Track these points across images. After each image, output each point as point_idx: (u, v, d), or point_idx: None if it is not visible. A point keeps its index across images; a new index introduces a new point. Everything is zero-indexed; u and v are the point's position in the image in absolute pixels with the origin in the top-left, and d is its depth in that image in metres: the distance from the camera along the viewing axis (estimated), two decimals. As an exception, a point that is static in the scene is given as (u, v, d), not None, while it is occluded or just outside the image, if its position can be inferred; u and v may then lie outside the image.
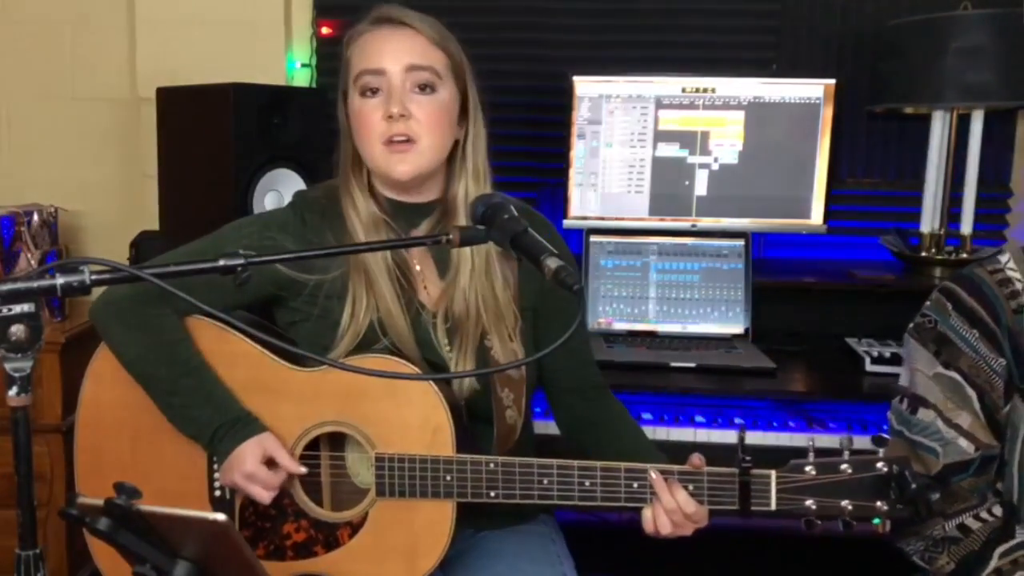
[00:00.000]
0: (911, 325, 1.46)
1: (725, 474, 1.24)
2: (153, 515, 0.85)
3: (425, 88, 1.33)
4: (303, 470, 1.33)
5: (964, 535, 1.35)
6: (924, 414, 1.38)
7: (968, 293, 1.39)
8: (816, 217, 2.25)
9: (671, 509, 1.24)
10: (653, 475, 1.24)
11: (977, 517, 1.35)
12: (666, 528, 1.25)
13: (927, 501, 1.19)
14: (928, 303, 1.45)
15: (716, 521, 1.29)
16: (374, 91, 1.33)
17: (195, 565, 0.87)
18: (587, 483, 1.26)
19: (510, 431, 1.39)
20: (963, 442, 1.35)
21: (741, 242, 2.20)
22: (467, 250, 1.36)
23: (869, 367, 1.96)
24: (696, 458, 1.27)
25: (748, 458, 1.23)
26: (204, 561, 0.88)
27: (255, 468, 1.29)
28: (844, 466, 1.22)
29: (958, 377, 1.36)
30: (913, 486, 1.18)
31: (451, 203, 1.39)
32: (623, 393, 1.60)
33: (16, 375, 0.93)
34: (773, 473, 1.23)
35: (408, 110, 1.31)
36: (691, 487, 1.24)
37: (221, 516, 0.83)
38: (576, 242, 2.31)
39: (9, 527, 1.07)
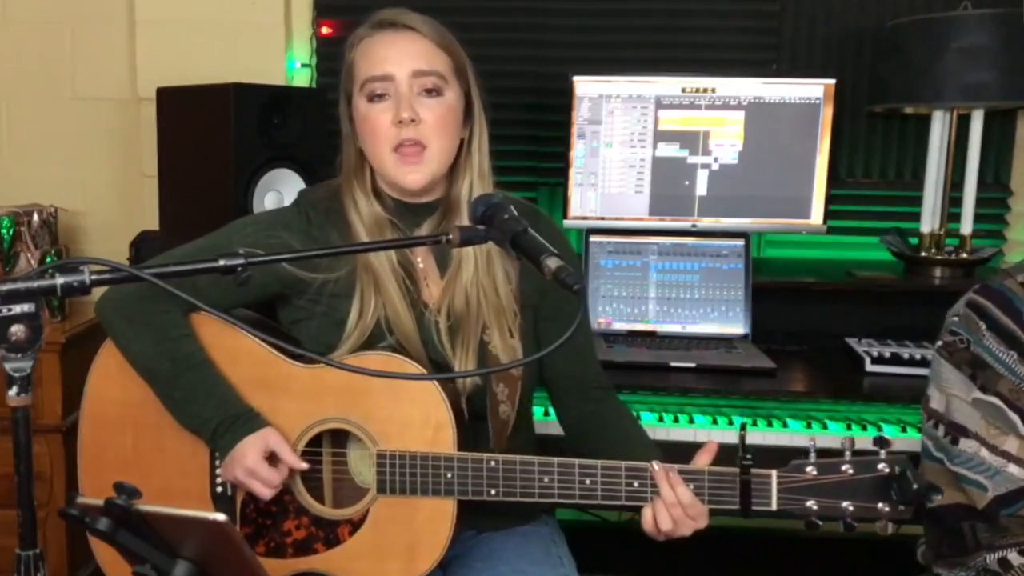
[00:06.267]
0: (939, 343, 1.38)
1: (726, 474, 1.23)
2: (153, 515, 0.85)
3: (432, 92, 1.33)
4: (304, 466, 1.33)
5: (1004, 570, 1.29)
6: (966, 444, 1.31)
7: (1001, 310, 1.31)
8: (816, 217, 2.25)
9: (671, 503, 1.22)
10: (655, 467, 1.24)
11: (1022, 552, 1.29)
12: (666, 524, 1.23)
13: (928, 503, 1.16)
14: (955, 319, 1.36)
15: (716, 521, 1.28)
16: (381, 96, 1.33)
17: (195, 565, 0.87)
18: (587, 481, 1.26)
19: (503, 425, 1.40)
20: (1013, 468, 1.28)
21: (741, 242, 2.20)
22: (469, 248, 1.35)
23: (869, 367, 1.96)
24: (706, 453, 1.26)
25: (749, 456, 1.22)
26: (204, 561, 0.88)
27: (256, 464, 1.29)
28: (846, 467, 1.20)
29: (998, 402, 1.30)
30: (915, 486, 1.15)
31: (454, 201, 1.40)
32: (623, 393, 1.60)
33: (16, 375, 0.94)
34: (774, 473, 1.22)
35: (417, 114, 1.31)
36: (692, 486, 1.23)
37: (221, 516, 0.83)
38: (576, 242, 2.32)
39: (9, 527, 1.07)
